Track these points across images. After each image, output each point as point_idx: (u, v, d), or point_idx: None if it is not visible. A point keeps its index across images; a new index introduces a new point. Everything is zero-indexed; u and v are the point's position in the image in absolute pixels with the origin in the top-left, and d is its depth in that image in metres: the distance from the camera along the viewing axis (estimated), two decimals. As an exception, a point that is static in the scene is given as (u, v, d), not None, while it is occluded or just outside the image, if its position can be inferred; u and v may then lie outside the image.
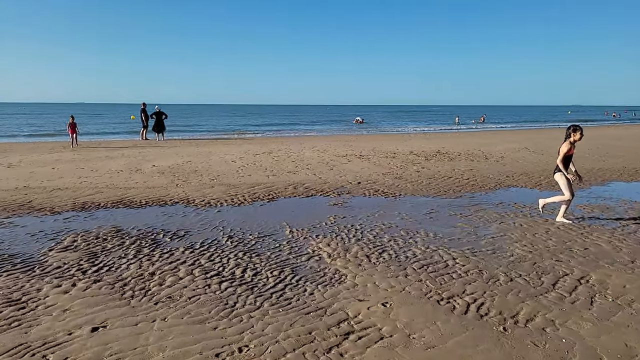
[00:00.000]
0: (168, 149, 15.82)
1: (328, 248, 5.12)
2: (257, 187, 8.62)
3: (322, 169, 10.88)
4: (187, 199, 7.57)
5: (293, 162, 11.92)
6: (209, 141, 20.25)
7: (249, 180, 9.22)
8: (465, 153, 14.38)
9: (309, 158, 12.92)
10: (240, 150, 15.35)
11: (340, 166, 11.32)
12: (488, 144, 18.03)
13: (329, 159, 12.78)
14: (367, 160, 12.57)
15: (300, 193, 8.17)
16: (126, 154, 13.87)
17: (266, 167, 10.98)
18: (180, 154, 13.95)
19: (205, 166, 11.12)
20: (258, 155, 13.64)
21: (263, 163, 11.76)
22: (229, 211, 6.84)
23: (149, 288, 3.94)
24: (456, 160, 12.52)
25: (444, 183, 9.22)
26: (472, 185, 9.07)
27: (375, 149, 15.76)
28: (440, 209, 7.06)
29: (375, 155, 13.76)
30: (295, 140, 21.03)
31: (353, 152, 14.69)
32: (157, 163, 11.59)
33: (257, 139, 22.40)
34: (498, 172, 10.65)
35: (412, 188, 8.72)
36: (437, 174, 10.30)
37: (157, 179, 9.27)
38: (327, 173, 10.25)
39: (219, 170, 10.53)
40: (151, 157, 13.02)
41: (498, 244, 5.31)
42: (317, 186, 8.78)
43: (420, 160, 12.49)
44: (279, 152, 14.71)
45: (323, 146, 16.87)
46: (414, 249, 5.09)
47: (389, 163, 11.93)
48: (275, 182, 9.07)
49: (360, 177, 9.73)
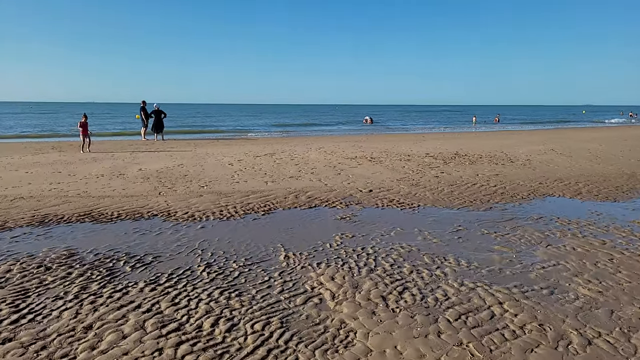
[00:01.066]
0: (163, 150, 14.74)
1: (332, 284, 3.93)
2: (253, 195, 7.46)
3: (328, 173, 9.69)
4: (168, 211, 6.43)
5: (296, 166, 10.74)
6: (209, 141, 19.17)
7: (244, 188, 8.07)
8: (487, 155, 13.09)
9: (315, 161, 11.74)
10: (240, 151, 14.22)
11: (349, 170, 10.12)
12: (509, 145, 16.68)
13: (337, 162, 11.58)
14: (379, 163, 11.34)
15: (301, 203, 7.00)
16: (116, 155, 12.81)
17: (266, 172, 9.82)
18: (175, 155, 12.85)
19: (197, 170, 9.98)
20: (259, 157, 12.49)
21: (263, 167, 10.61)
22: (214, 227, 5.69)
23: (74, 356, 2.78)
24: (478, 164, 11.24)
25: (469, 191, 7.98)
26: (502, 194, 7.82)
27: (388, 150, 14.52)
28: (469, 226, 5.84)
29: (387, 157, 12.53)
30: (301, 140, 19.86)
31: (363, 154, 13.47)
32: (145, 166, 10.49)
33: (262, 139, 21.27)
34: (528, 177, 9.36)
35: (432, 197, 7.50)
36: (459, 180, 9.05)
37: (138, 185, 8.14)
38: (333, 179, 9.06)
39: (212, 175, 9.39)
40: (142, 159, 11.93)
41: (553, 279, 4.07)
42: (322, 195, 7.59)
43: (438, 164, 11.23)
44: (282, 153, 13.55)
45: (330, 147, 15.67)
46: (445, 286, 3.88)
47: (403, 167, 10.69)
48: (274, 190, 7.91)
49: (371, 184, 8.52)
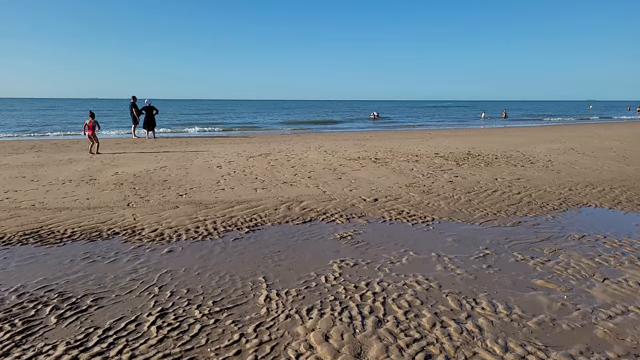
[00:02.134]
0: (151, 149, 13.66)
1: (324, 348, 2.84)
2: (238, 207, 6.36)
3: (327, 178, 8.58)
4: (133, 228, 5.35)
5: (292, 168, 9.63)
6: (204, 140, 18.08)
7: (229, 196, 6.97)
8: (502, 155, 11.93)
9: (313, 162, 10.63)
10: (234, 151, 13.11)
11: (351, 174, 9.00)
12: (524, 143, 15.50)
13: (338, 163, 10.47)
14: (385, 165, 10.22)
15: (294, 217, 5.90)
16: (94, 155, 11.74)
17: (257, 176, 8.71)
18: (161, 156, 11.76)
19: (180, 174, 8.89)
20: (253, 158, 11.39)
21: (255, 169, 9.50)
22: (184, 251, 4.61)
23: None
24: (495, 166, 10.10)
25: (490, 200, 6.86)
26: (529, 203, 6.69)
27: (393, 149, 13.38)
28: (498, 248, 4.73)
29: (393, 158, 11.39)
30: (300, 138, 18.73)
31: (367, 153, 12.34)
32: (123, 169, 9.40)
33: (260, 136, 20.16)
34: (554, 182, 8.22)
35: (447, 208, 6.39)
36: (477, 185, 7.92)
37: (107, 194, 7.04)
38: (333, 184, 7.95)
39: (196, 180, 8.29)
40: (123, 160, 10.85)
41: (630, 340, 2.96)
42: (320, 205, 6.49)
43: (450, 165, 10.10)
44: (278, 153, 12.44)
45: (331, 146, 14.54)
46: (482, 353, 2.78)
47: (411, 169, 9.56)
48: (264, 199, 6.81)
49: (376, 191, 7.41)
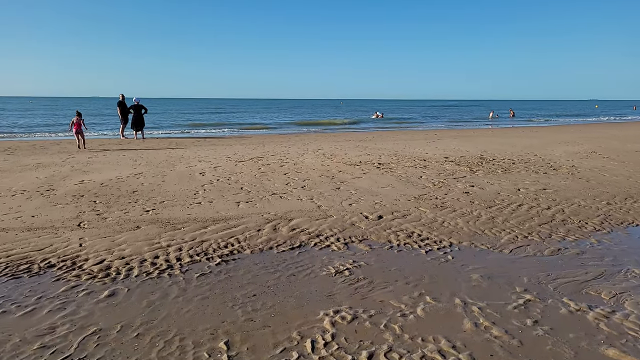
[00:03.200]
0: (133, 152, 12.55)
1: None
2: (213, 226, 5.24)
3: (324, 187, 7.45)
4: (75, 258, 4.24)
5: (285, 175, 8.51)
6: (195, 140, 16.97)
7: (204, 213, 5.85)
8: (520, 160, 10.78)
9: (309, 168, 9.50)
10: (223, 154, 12.00)
11: (352, 183, 7.87)
12: (538, 145, 14.34)
13: (337, 169, 9.33)
14: (389, 171, 9.08)
15: (280, 241, 4.78)
16: (71, 159, 10.63)
17: (243, 185, 7.59)
18: (141, 160, 10.65)
19: (155, 182, 7.76)
20: (242, 162, 10.26)
21: (242, 177, 8.38)
22: (129, 295, 3.50)
23: None
24: (514, 172, 8.95)
25: (516, 217, 5.73)
26: (563, 222, 5.56)
27: (398, 153, 12.24)
28: (541, 291, 3.61)
29: (399, 162, 10.25)
30: (298, 139, 17.60)
31: (369, 157, 11.21)
32: (91, 176, 8.29)
33: (256, 137, 19.05)
34: (587, 194, 7.07)
35: (467, 229, 5.26)
36: (497, 197, 6.78)
37: (59, 209, 5.92)
38: (330, 196, 6.82)
39: (171, 190, 7.16)
40: (97, 165, 9.74)
41: None
42: (312, 224, 5.37)
43: (463, 172, 8.95)
44: (272, 157, 11.32)
45: (331, 148, 13.41)
46: None
47: (420, 177, 8.42)
48: (246, 216, 5.69)
49: (381, 206, 6.28)
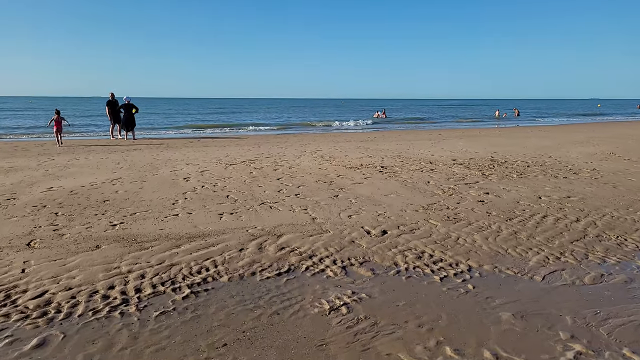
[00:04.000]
0: (118, 154, 11.77)
1: None
2: (188, 245, 4.44)
3: (320, 195, 6.64)
4: (11, 290, 3.44)
5: (278, 181, 7.70)
6: (188, 141, 16.18)
7: (181, 227, 5.04)
8: (534, 162, 9.96)
9: (305, 172, 8.69)
10: (214, 156, 11.20)
11: (352, 189, 7.06)
12: (551, 146, 13.51)
13: (335, 173, 8.52)
14: (393, 175, 8.26)
15: (266, 264, 3.98)
16: (49, 163, 9.84)
17: (230, 192, 6.78)
18: (124, 163, 9.85)
19: (131, 190, 6.96)
20: (233, 165, 9.46)
21: (231, 183, 7.57)
22: (62, 347, 2.69)
23: None
24: (530, 177, 8.13)
25: (542, 232, 4.91)
26: (598, 237, 4.74)
27: (402, 154, 11.43)
28: (593, 339, 2.79)
29: (403, 165, 9.44)
30: (296, 139, 16.79)
31: (371, 160, 10.39)
32: (63, 182, 7.49)
33: (252, 137, 18.26)
34: (618, 203, 6.24)
35: (487, 247, 4.45)
36: (517, 207, 5.96)
37: (13, 223, 5.08)
38: (327, 206, 6.01)
39: (147, 199, 6.35)
40: (74, 168, 8.94)
41: None
42: (305, 242, 4.56)
43: (475, 176, 8.14)
44: (266, 159, 10.51)
45: (330, 150, 12.60)
46: None
47: (427, 182, 7.61)
48: (229, 231, 4.88)
49: (385, 217, 5.47)
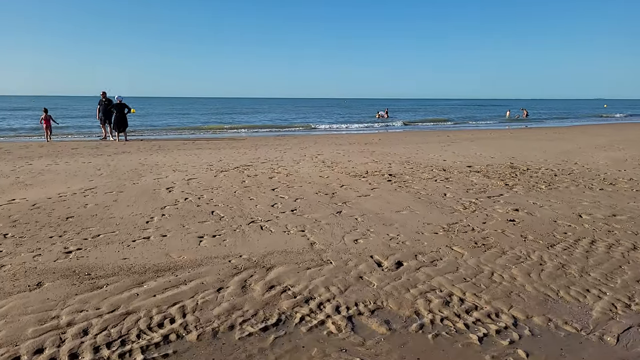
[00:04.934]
0: (101, 157, 10.84)
1: None
2: (153, 282, 3.48)
3: (320, 211, 5.66)
4: None
5: (272, 192, 6.73)
6: (181, 143, 15.24)
7: (148, 255, 4.07)
8: (560, 170, 8.94)
9: (304, 180, 7.72)
10: (206, 161, 10.25)
11: (357, 203, 6.08)
12: (574, 150, 12.47)
13: (338, 183, 7.54)
14: (404, 185, 7.28)
15: (249, 313, 3.01)
16: (22, 167, 8.91)
17: (216, 207, 5.81)
18: (105, 169, 8.91)
19: (103, 203, 5.98)
20: (224, 173, 8.50)
21: (219, 194, 6.61)
22: None
23: None
24: (561, 188, 7.12)
25: (598, 266, 3.91)
26: (669, 273, 3.75)
27: (411, 159, 10.44)
28: None
29: (414, 173, 8.45)
30: (296, 142, 15.83)
31: (377, 165, 9.41)
32: (28, 193, 6.52)
33: (250, 139, 17.31)
34: (674, 222, 5.24)
35: (532, 288, 3.48)
36: (557, 230, 4.96)
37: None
38: (329, 226, 5.03)
39: (119, 215, 5.39)
40: (48, 175, 7.98)
41: None
42: (301, 278, 3.59)
43: (497, 187, 7.14)
44: (262, 164, 9.55)
45: (332, 154, 11.63)
46: None
47: (444, 195, 6.61)
48: (207, 262, 3.92)
49: (398, 242, 4.49)
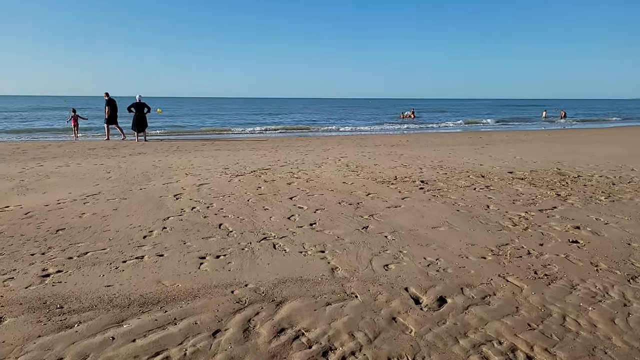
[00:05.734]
0: (114, 159, 10.37)
1: None
2: (136, 319, 2.78)
3: (344, 226, 4.87)
4: None
5: (291, 201, 5.99)
6: (201, 143, 14.73)
7: (135, 282, 3.40)
8: (617, 178, 7.88)
9: (326, 187, 6.95)
10: (221, 164, 9.63)
11: (386, 217, 5.26)
12: (625, 155, 11.27)
13: (364, 191, 6.74)
14: (439, 194, 6.41)
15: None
16: (32, 168, 8.48)
17: (225, 219, 5.10)
18: (116, 171, 8.38)
19: (102, 212, 5.36)
20: (240, 177, 7.82)
21: (230, 203, 5.91)
22: None
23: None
24: (624, 200, 6.10)
25: (703, 310, 3.00)
26: None
27: (444, 163, 9.53)
28: None
29: (449, 179, 7.56)
30: (319, 143, 15.08)
31: (407, 170, 8.55)
32: (25, 199, 5.99)
33: (271, 140, 16.69)
34: None
35: (622, 343, 2.60)
36: (634, 255, 4.01)
37: None
38: (353, 246, 4.23)
39: (115, 227, 4.74)
40: (54, 178, 7.48)
41: None
42: (319, 319, 2.82)
43: (548, 197, 6.18)
44: (281, 168, 8.85)
45: (356, 156, 10.83)
46: None
47: (487, 207, 5.72)
48: (204, 293, 3.20)
49: (439, 271, 3.66)
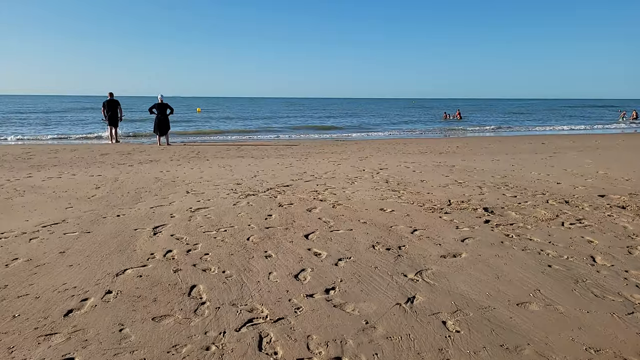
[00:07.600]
0: (122, 167, 9.23)
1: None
2: None
3: (378, 297, 3.22)
4: None
5: (306, 242, 4.39)
6: (224, 149, 13.50)
7: None
8: None
9: (357, 215, 5.30)
10: (236, 176, 8.22)
11: (440, 275, 3.55)
12: None
13: (407, 222, 5.03)
14: (513, 233, 4.59)
15: None
16: (20, 178, 7.42)
17: (201, 276, 3.60)
18: (106, 186, 7.15)
19: (38, 258, 4.00)
20: (252, 197, 6.33)
21: (221, 244, 4.39)
22: None
23: None
24: None
25: None
26: None
27: (508, 179, 7.61)
28: None
29: (521, 205, 5.69)
30: (356, 148, 13.43)
31: (463, 190, 6.74)
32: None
33: (303, 145, 15.22)
34: None
35: None
36: None
37: None
38: (390, 342, 2.60)
39: (36, 290, 3.34)
40: (28, 195, 6.31)
41: None
42: None
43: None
44: (306, 183, 7.30)
45: (398, 168, 9.09)
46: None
47: (591, 258, 3.87)
48: None
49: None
